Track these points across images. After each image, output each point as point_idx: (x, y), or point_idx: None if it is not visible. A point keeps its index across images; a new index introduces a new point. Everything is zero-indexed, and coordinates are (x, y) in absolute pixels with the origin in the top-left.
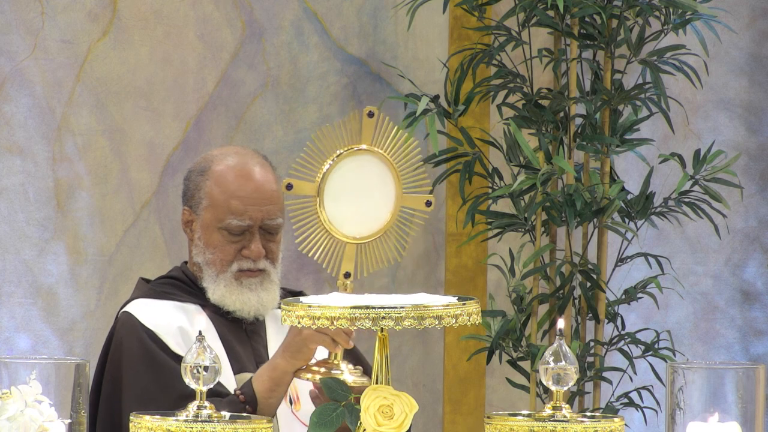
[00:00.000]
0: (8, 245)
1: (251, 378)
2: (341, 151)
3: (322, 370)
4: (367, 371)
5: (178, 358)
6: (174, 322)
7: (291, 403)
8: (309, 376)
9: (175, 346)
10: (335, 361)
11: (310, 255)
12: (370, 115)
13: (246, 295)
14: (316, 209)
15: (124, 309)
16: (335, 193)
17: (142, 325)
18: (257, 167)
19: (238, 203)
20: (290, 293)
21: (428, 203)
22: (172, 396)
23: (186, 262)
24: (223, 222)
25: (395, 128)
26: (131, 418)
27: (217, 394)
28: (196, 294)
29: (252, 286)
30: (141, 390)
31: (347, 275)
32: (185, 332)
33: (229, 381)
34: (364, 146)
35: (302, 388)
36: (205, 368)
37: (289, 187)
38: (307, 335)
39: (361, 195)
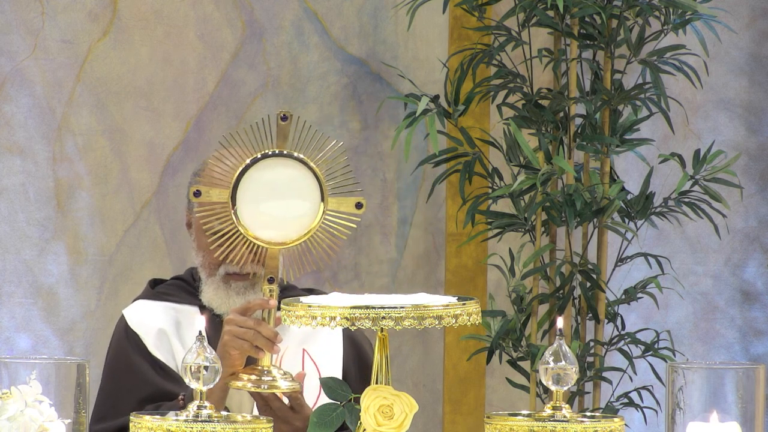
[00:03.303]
0: (8, 245)
1: None
2: (256, 156)
3: (253, 377)
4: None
5: (155, 361)
6: (156, 324)
7: None
8: (239, 384)
9: (153, 348)
10: (264, 367)
11: (228, 261)
12: (284, 118)
13: (233, 298)
14: (231, 215)
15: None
16: (252, 198)
17: (127, 327)
18: None
19: None
20: (306, 291)
21: (358, 205)
22: (134, 399)
23: None
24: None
25: (315, 131)
26: (131, 418)
27: (170, 396)
28: (196, 295)
29: (240, 290)
30: (104, 393)
31: (270, 280)
32: (163, 333)
33: None
34: (277, 151)
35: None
36: (205, 368)
37: (197, 194)
38: (226, 341)
39: (281, 199)
